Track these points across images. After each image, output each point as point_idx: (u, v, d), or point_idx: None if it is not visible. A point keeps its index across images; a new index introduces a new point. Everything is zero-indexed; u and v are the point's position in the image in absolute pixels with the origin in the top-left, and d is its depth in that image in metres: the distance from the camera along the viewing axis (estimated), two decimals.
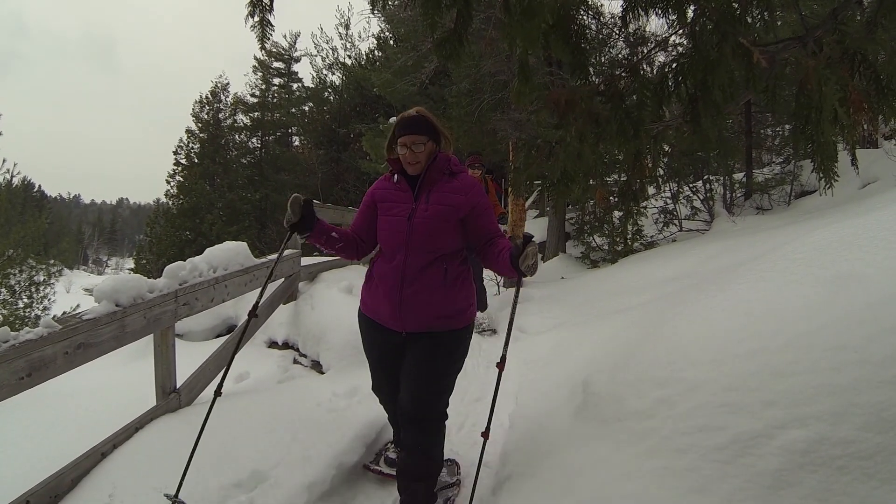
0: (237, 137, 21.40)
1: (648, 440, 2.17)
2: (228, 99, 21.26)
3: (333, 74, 19.87)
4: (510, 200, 9.04)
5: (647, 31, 8.36)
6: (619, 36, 8.77)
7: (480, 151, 7.47)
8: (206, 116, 20.56)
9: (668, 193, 9.01)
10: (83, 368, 2.62)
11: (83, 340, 2.55)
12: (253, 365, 4.79)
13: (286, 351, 5.28)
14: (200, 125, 20.42)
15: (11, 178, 14.39)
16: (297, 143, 22.35)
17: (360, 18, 29.92)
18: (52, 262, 14.92)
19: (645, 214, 8.57)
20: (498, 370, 2.30)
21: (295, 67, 22.07)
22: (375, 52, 17.42)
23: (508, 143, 8.81)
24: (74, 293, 23.74)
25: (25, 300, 13.43)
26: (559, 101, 2.94)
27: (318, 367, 4.81)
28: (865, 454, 1.63)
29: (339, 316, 4.96)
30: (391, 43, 15.23)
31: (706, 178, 8.80)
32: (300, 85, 22.01)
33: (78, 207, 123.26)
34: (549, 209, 10.85)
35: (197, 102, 20.67)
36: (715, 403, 2.02)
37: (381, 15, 12.70)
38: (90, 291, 5.81)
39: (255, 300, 2.58)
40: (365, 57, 18.21)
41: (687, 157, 8.28)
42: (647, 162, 3.33)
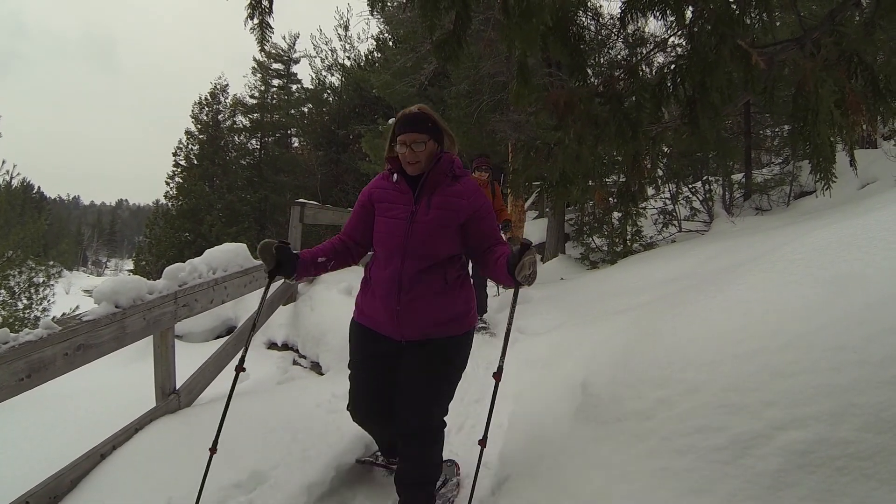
0: (236, 139, 21.42)
1: (648, 441, 2.17)
2: (228, 100, 21.33)
3: (333, 76, 19.95)
4: (510, 202, 9.05)
5: (646, 31, 8.40)
6: (618, 37, 8.79)
7: (488, 154, 7.40)
8: (205, 118, 20.59)
9: (667, 194, 9.01)
10: (83, 370, 2.61)
11: (83, 342, 2.54)
12: (252, 366, 4.74)
13: (286, 352, 5.28)
14: (200, 126, 20.45)
15: (11, 179, 14.42)
16: (296, 144, 22.36)
17: (359, 20, 30.00)
18: (51, 263, 14.93)
19: (644, 215, 8.56)
20: (495, 380, 2.20)
21: (294, 69, 22.14)
22: (374, 53, 17.48)
23: (508, 144, 8.84)
24: (74, 294, 23.75)
25: (25, 301, 13.44)
26: (558, 102, 2.95)
27: (317, 368, 4.81)
28: (865, 455, 1.63)
29: (338, 317, 4.95)
30: (390, 44, 15.28)
31: (705, 178, 8.80)
32: (299, 86, 22.04)
33: (77, 209, 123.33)
34: (548, 210, 10.85)
35: (196, 104, 20.71)
36: (714, 404, 2.02)
37: (380, 16, 12.72)
38: (90, 293, 5.81)
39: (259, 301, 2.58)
40: (364, 58, 18.27)
41: (686, 158, 8.29)
42: (645, 163, 3.34)
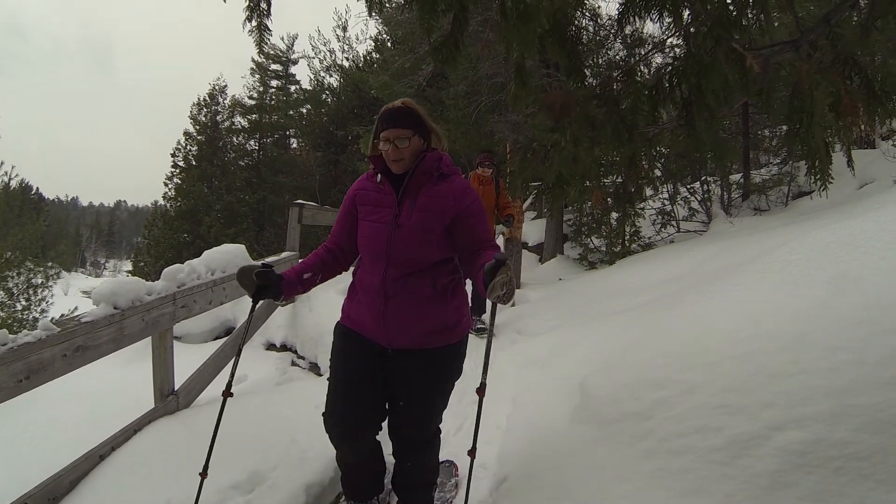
0: (235, 139, 21.36)
1: (646, 441, 2.18)
2: (226, 101, 21.26)
3: (331, 77, 19.90)
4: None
5: (644, 32, 8.41)
6: (616, 38, 8.79)
7: (492, 149, 7.26)
8: (203, 119, 20.54)
9: (665, 195, 9.02)
10: (81, 371, 2.61)
11: (81, 343, 2.54)
12: (251, 367, 4.79)
13: (284, 353, 5.29)
14: (198, 127, 20.39)
15: (9, 180, 14.42)
16: (294, 145, 22.31)
17: (357, 21, 29.95)
18: (49, 264, 14.94)
19: (642, 216, 8.57)
20: (478, 396, 2.07)
21: (293, 70, 22.10)
22: (373, 54, 17.47)
23: (506, 144, 8.84)
24: (72, 296, 23.73)
25: (23, 303, 13.45)
26: (554, 104, 2.95)
27: (316, 368, 4.82)
28: (862, 455, 1.63)
29: (337, 318, 4.95)
30: (389, 45, 15.28)
31: (703, 179, 8.81)
32: (298, 87, 22.01)
33: (76, 210, 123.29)
34: (546, 211, 10.86)
35: (195, 105, 20.65)
36: (712, 405, 2.02)
37: (378, 17, 12.71)
38: (88, 294, 5.80)
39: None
40: (362, 59, 18.25)
41: (684, 158, 8.29)
42: (642, 164, 3.35)
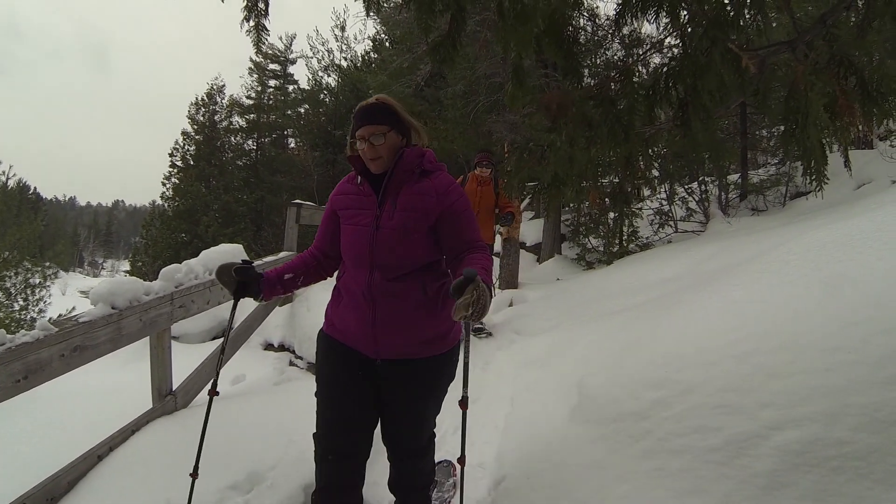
0: (233, 139, 21.33)
1: (644, 441, 2.18)
2: (224, 101, 21.25)
3: (329, 76, 19.89)
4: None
5: (642, 32, 8.41)
6: (614, 38, 8.80)
7: (490, 149, 7.21)
8: (201, 118, 20.52)
9: (663, 195, 9.02)
10: (79, 371, 2.61)
11: (79, 343, 2.54)
12: (249, 367, 4.79)
13: (282, 353, 5.29)
14: (196, 127, 20.38)
15: (7, 180, 14.42)
16: (292, 145, 22.28)
17: (355, 21, 29.97)
18: (47, 264, 14.95)
19: (640, 216, 8.57)
20: (461, 409, 1.96)
21: (291, 69, 22.08)
22: (371, 54, 17.47)
23: (504, 144, 8.84)
24: (70, 295, 23.73)
25: (21, 303, 13.45)
26: (551, 104, 2.95)
27: (313, 369, 4.81)
28: (860, 455, 1.64)
29: None
30: (387, 45, 15.27)
31: (701, 179, 8.81)
32: (296, 87, 21.99)
33: (73, 209, 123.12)
34: (543, 211, 10.87)
35: (193, 104, 20.63)
36: (710, 405, 2.03)
37: (376, 17, 12.72)
38: (86, 294, 5.79)
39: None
40: (361, 59, 18.25)
41: (681, 158, 8.30)
42: (639, 164, 3.35)
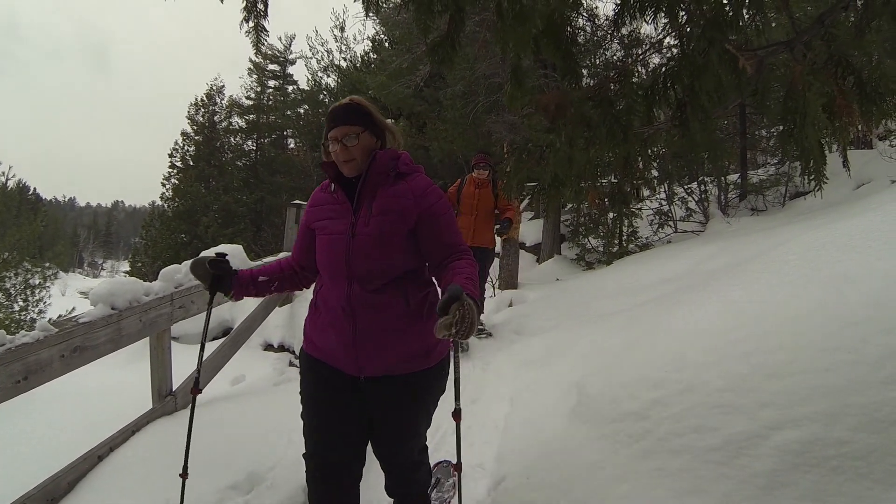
0: (232, 140, 21.39)
1: (643, 441, 2.18)
2: (224, 101, 21.31)
3: (329, 77, 19.88)
4: None
5: (641, 33, 8.42)
6: (613, 38, 8.81)
7: (488, 150, 7.21)
8: (201, 119, 20.57)
9: (662, 195, 9.02)
10: (79, 372, 2.61)
11: (79, 343, 2.54)
12: (249, 368, 4.79)
13: (282, 353, 5.28)
14: (196, 128, 20.43)
15: (7, 180, 14.43)
16: (292, 145, 22.31)
17: (355, 21, 29.94)
18: (47, 265, 14.96)
19: (640, 216, 8.58)
20: (455, 421, 1.89)
21: (290, 70, 22.21)
22: (370, 54, 17.46)
23: (503, 145, 8.86)
24: (70, 296, 23.72)
25: (21, 303, 13.46)
26: (550, 105, 2.95)
27: None
28: (859, 454, 1.64)
29: None
30: (386, 45, 15.28)
31: (701, 179, 8.81)
32: (295, 87, 22.08)
33: (73, 210, 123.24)
34: (543, 211, 10.87)
35: (192, 105, 20.69)
36: (709, 404, 2.03)
37: (375, 18, 12.73)
38: (86, 294, 5.79)
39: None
40: (360, 59, 18.23)
41: (680, 159, 8.30)
42: (637, 165, 3.35)
